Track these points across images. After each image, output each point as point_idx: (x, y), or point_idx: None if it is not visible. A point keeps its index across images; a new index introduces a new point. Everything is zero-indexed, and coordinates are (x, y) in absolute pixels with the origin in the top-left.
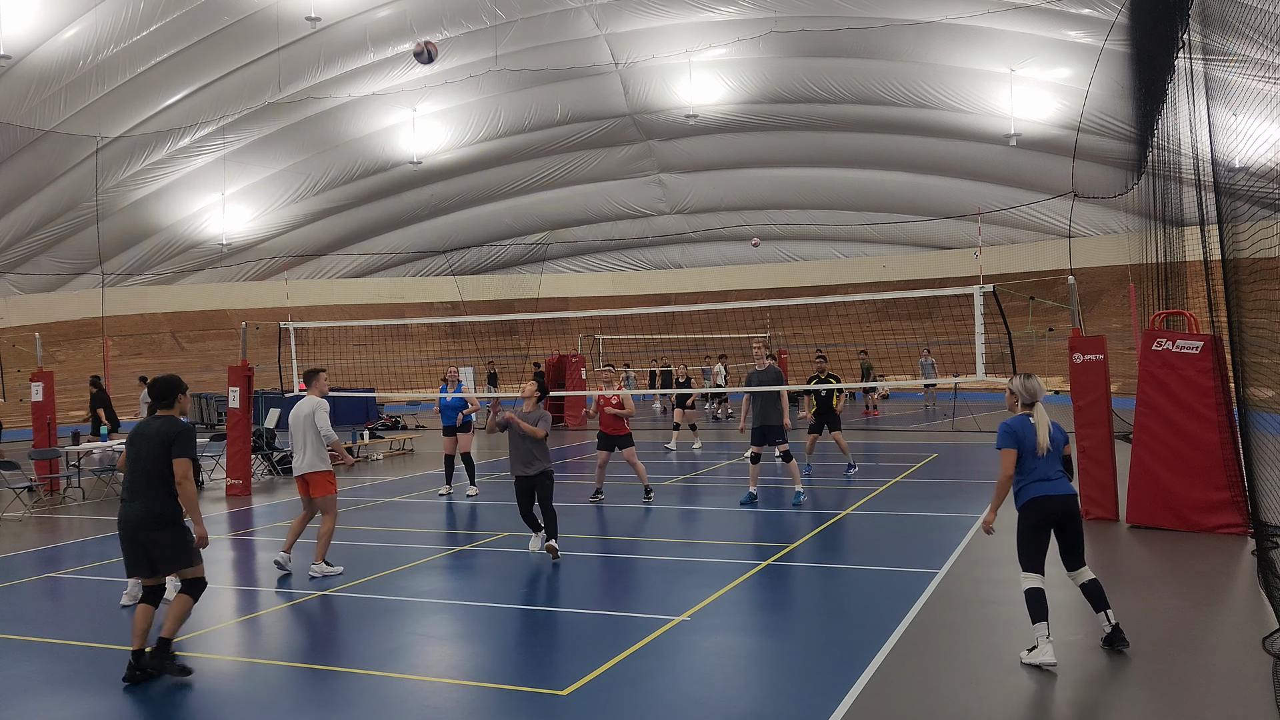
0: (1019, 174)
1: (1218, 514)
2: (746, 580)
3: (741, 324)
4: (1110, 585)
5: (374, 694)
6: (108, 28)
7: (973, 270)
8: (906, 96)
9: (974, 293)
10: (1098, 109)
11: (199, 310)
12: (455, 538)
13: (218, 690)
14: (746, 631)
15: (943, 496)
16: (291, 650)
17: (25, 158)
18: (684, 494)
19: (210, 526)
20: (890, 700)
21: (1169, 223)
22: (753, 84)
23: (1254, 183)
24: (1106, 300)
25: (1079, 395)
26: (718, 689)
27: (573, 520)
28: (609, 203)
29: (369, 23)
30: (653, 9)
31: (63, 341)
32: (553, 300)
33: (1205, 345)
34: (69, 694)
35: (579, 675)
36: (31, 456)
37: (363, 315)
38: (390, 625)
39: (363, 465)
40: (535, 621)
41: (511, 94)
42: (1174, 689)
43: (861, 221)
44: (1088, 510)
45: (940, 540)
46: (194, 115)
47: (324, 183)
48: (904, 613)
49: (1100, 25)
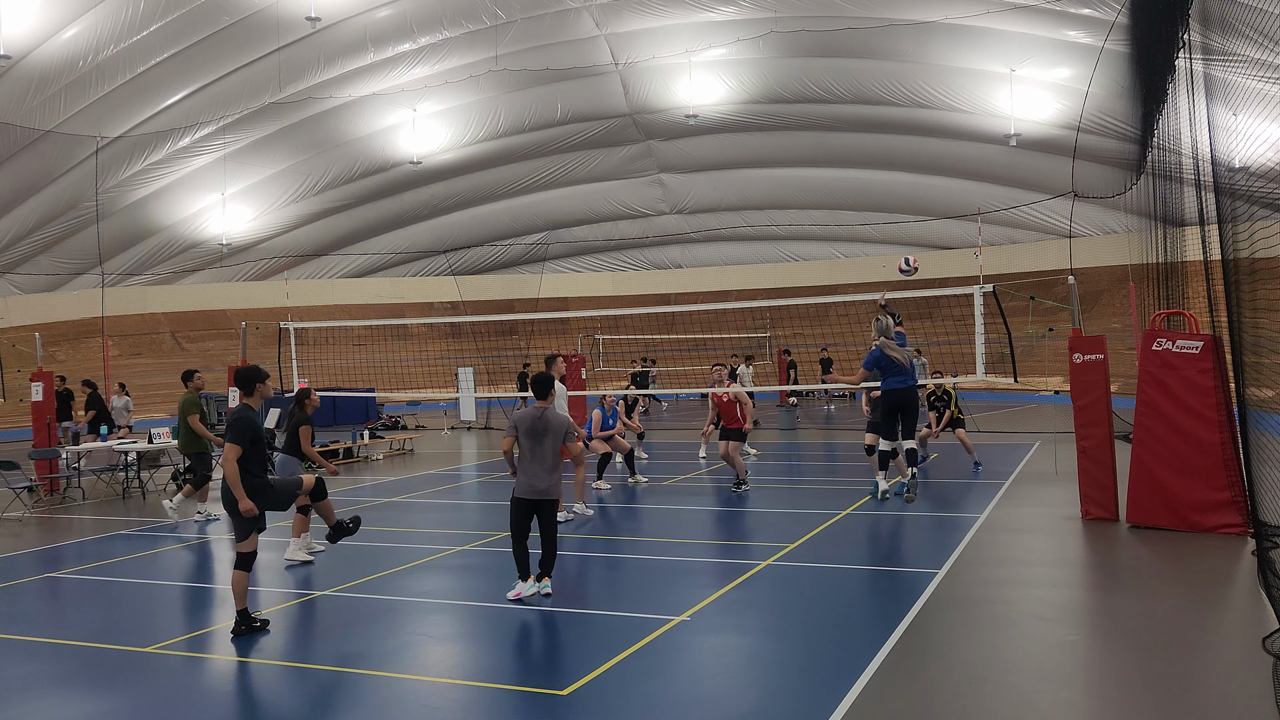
0: (1019, 174)
1: (1218, 514)
2: (746, 580)
3: (741, 324)
4: (1110, 585)
5: (374, 694)
6: (108, 28)
7: (973, 270)
8: (906, 96)
9: (974, 293)
10: (1098, 109)
11: (199, 310)
12: (455, 538)
13: (218, 690)
14: (746, 631)
15: (942, 496)
16: (292, 650)
17: (25, 158)
18: (683, 494)
19: (210, 526)
20: (890, 700)
21: (1169, 223)
22: (753, 84)
23: (1254, 183)
24: (1106, 300)
25: (1079, 395)
26: (718, 689)
27: (572, 520)
28: (609, 203)
29: (369, 23)
30: (653, 9)
31: (63, 341)
32: (553, 300)
33: (1205, 345)
34: (69, 694)
35: (579, 675)
36: (31, 456)
37: (363, 315)
38: (390, 625)
39: (363, 465)
40: (535, 621)
41: (511, 94)
42: (1174, 689)
43: (861, 221)
44: (1087, 510)
45: (940, 540)
46: (194, 115)
47: (324, 183)
48: (904, 613)
49: (1100, 25)
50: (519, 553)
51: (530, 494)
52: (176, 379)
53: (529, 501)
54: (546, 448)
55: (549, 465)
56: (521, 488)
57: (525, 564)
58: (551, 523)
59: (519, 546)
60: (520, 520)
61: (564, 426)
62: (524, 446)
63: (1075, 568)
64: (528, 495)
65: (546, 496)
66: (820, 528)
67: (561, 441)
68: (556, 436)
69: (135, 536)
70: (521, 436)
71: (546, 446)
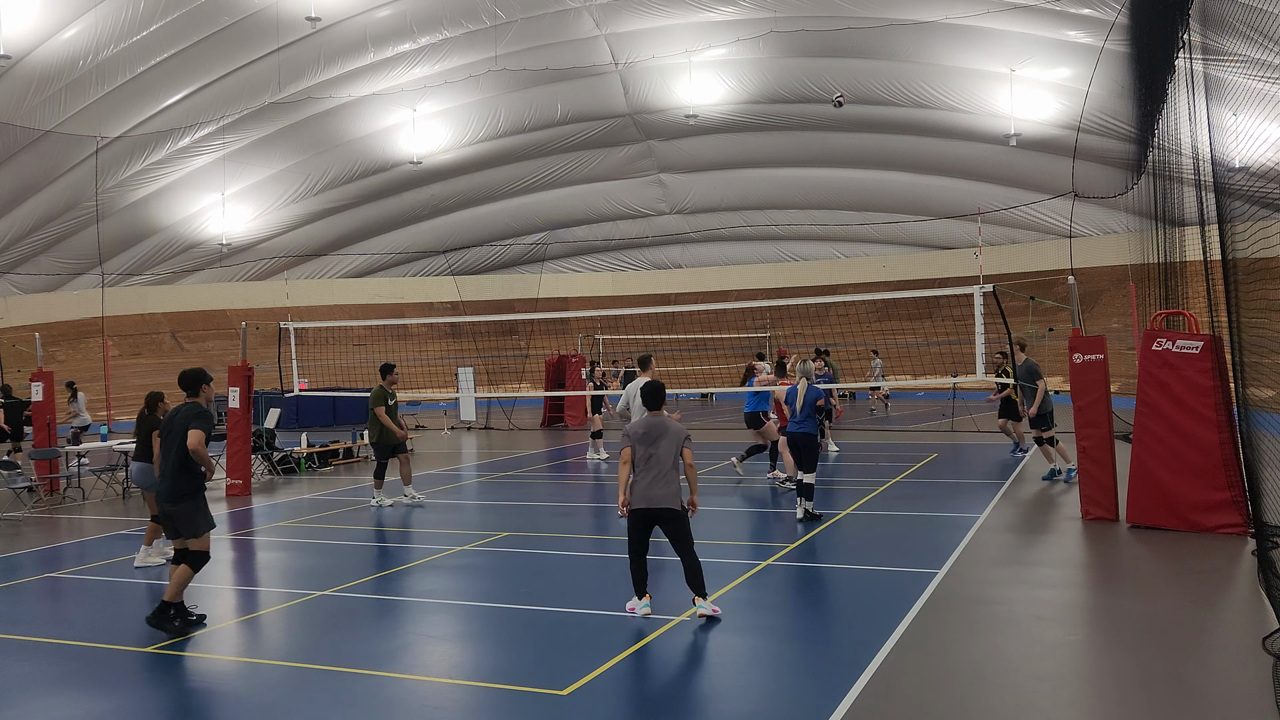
0: (1019, 174)
1: (1218, 514)
2: (746, 580)
3: (741, 324)
4: (1110, 585)
5: (374, 694)
6: (108, 28)
7: (973, 270)
8: (906, 96)
9: (974, 293)
10: (1098, 109)
11: (199, 310)
12: (455, 538)
13: (218, 690)
14: (746, 631)
15: (942, 496)
16: (291, 650)
17: (25, 158)
18: None
19: None
20: (890, 700)
21: (1169, 223)
22: (753, 84)
23: (1254, 183)
24: (1106, 300)
25: (1079, 395)
26: (718, 689)
27: (569, 520)
28: (609, 203)
29: (369, 23)
30: (653, 9)
31: (63, 341)
32: (552, 300)
33: (1205, 345)
34: (69, 694)
35: (579, 675)
36: (31, 456)
37: (363, 315)
38: (390, 625)
39: (363, 465)
40: (535, 621)
41: (511, 94)
42: (1174, 689)
43: (861, 221)
44: (1087, 510)
45: (940, 540)
46: (194, 115)
47: (324, 183)
48: (904, 613)
49: (1100, 25)
50: (635, 569)
51: (646, 504)
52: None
53: (646, 512)
54: (662, 453)
55: (665, 473)
56: (637, 498)
57: (643, 580)
58: (682, 534)
59: (635, 563)
60: (637, 535)
61: (682, 432)
62: (638, 455)
63: (1075, 568)
64: (642, 505)
65: (663, 505)
66: (820, 528)
67: (680, 447)
68: (673, 442)
69: (135, 536)
70: (636, 444)
71: (662, 451)
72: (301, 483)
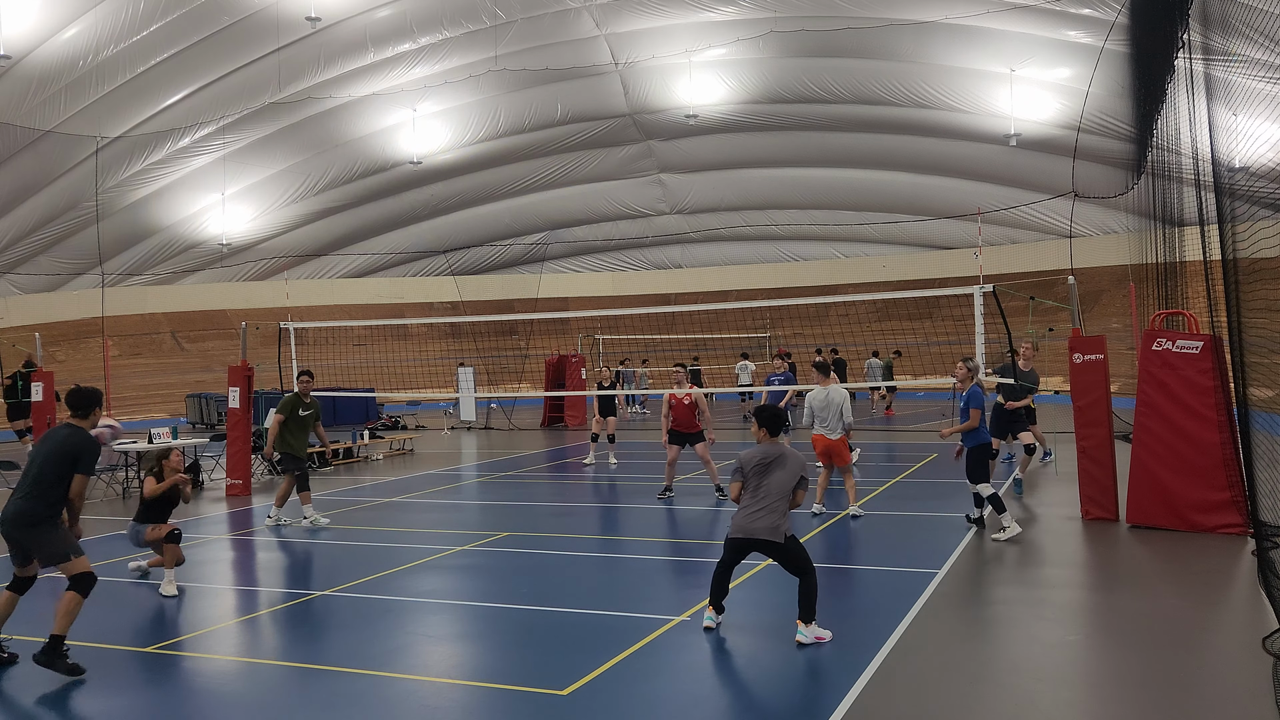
0: (1019, 174)
1: (1218, 514)
2: (746, 580)
3: (741, 324)
4: (1110, 585)
5: (374, 694)
6: (108, 28)
7: (973, 270)
8: (906, 96)
9: (974, 293)
10: (1098, 109)
11: (199, 310)
12: (455, 538)
13: (218, 690)
14: (746, 631)
15: (943, 496)
16: (292, 650)
17: (25, 158)
18: (683, 494)
19: (210, 526)
20: (890, 700)
21: (1169, 223)
22: (753, 84)
23: (1254, 183)
24: (1106, 300)
25: (1079, 395)
26: (718, 689)
27: (569, 520)
28: (609, 203)
29: (369, 23)
30: (653, 9)
31: (63, 341)
32: (552, 300)
33: (1205, 345)
34: (69, 694)
35: (579, 675)
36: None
37: (363, 315)
38: (390, 625)
39: (363, 465)
40: (535, 621)
41: (511, 94)
42: (1174, 688)
43: (861, 221)
44: (1088, 510)
45: (940, 540)
46: (194, 115)
47: (324, 183)
48: (904, 613)
49: (1100, 25)
50: (715, 580)
51: (744, 534)
52: (176, 379)
53: (741, 542)
54: (774, 484)
55: (773, 504)
56: (736, 526)
57: (720, 596)
58: (787, 562)
59: (718, 574)
60: (729, 557)
61: (801, 468)
62: (749, 484)
63: (1075, 568)
64: (738, 535)
65: (760, 537)
66: (820, 528)
67: (795, 481)
68: (790, 475)
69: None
70: (749, 473)
71: (774, 482)
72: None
